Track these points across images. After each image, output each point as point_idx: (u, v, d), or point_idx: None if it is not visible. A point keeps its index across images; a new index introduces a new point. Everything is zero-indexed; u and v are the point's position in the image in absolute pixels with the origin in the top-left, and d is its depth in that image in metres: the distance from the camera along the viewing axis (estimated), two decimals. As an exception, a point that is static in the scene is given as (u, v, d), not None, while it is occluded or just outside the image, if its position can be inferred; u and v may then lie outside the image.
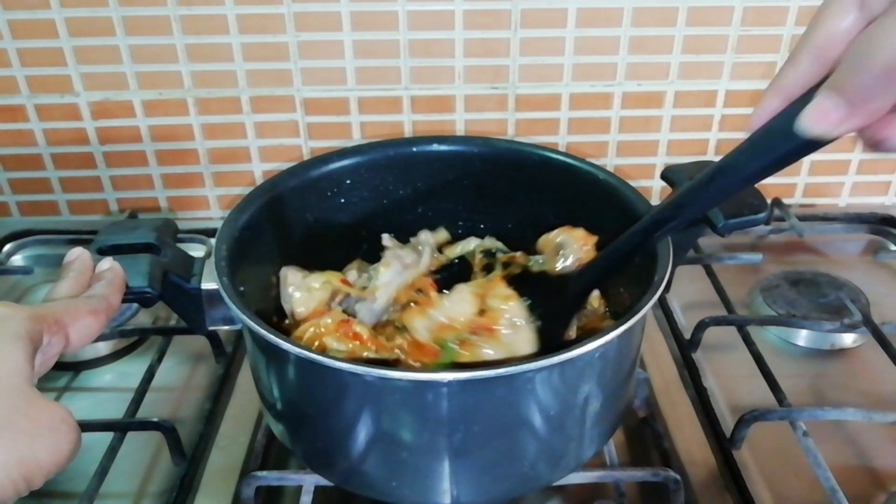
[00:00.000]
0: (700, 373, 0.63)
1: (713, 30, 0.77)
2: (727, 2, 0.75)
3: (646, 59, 0.78)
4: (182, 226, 0.82)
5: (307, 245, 0.58)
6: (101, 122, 0.80)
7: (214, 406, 0.60)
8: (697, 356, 0.65)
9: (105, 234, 0.47)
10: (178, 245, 0.49)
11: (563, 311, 0.52)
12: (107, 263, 0.43)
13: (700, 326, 0.65)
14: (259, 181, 0.84)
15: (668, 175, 0.53)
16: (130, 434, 0.55)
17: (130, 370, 0.65)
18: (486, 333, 0.48)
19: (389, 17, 0.75)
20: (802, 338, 0.67)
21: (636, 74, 0.79)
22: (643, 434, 0.58)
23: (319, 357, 0.40)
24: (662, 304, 0.71)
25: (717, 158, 0.38)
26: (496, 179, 0.60)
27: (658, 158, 0.84)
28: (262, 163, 0.83)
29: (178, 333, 0.66)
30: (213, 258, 0.47)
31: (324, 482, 0.51)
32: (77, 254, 0.43)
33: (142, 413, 0.58)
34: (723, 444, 0.56)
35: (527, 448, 0.44)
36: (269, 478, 0.51)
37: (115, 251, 0.45)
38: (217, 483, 0.53)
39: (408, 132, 0.81)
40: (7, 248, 0.79)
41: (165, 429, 0.55)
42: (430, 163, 0.60)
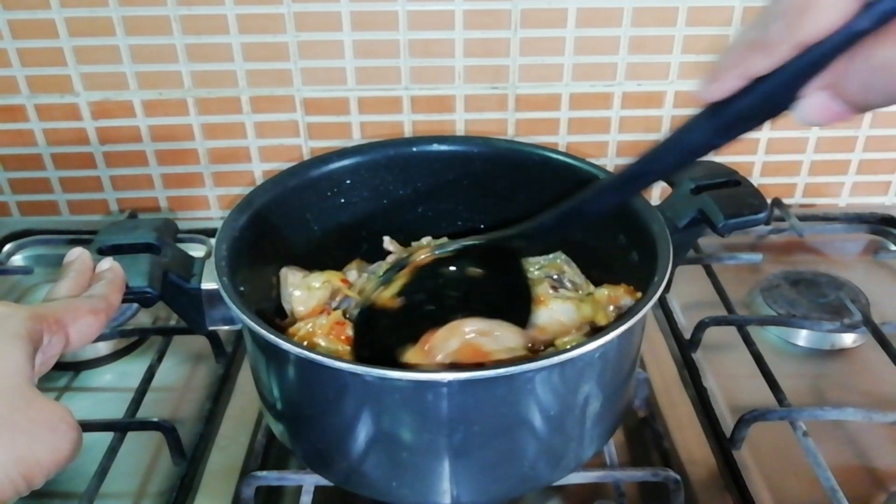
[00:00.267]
0: (700, 373, 0.63)
1: (713, 30, 0.77)
2: (727, 2, 0.75)
3: (646, 59, 0.78)
4: (182, 226, 0.82)
5: (307, 245, 0.58)
6: (101, 122, 0.80)
7: (214, 406, 0.60)
8: (697, 356, 0.65)
9: (105, 235, 0.47)
10: (178, 245, 0.49)
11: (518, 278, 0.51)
12: (107, 263, 0.43)
13: (700, 326, 0.65)
14: (259, 181, 0.84)
15: None
16: (130, 434, 0.55)
17: (130, 370, 0.65)
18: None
19: (389, 17, 0.75)
20: (802, 338, 0.67)
21: (636, 74, 0.79)
22: (643, 434, 0.58)
23: (319, 357, 0.40)
24: (662, 304, 0.71)
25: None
26: (496, 179, 0.60)
27: (658, 158, 0.84)
28: (262, 163, 0.83)
29: (178, 333, 0.66)
30: (213, 258, 0.47)
31: (324, 482, 0.51)
32: (77, 254, 0.43)
33: (142, 413, 0.58)
34: (723, 444, 0.56)
35: (527, 448, 0.44)
36: (269, 478, 0.51)
37: (116, 251, 0.45)
38: (217, 483, 0.53)
39: (408, 132, 0.81)
40: (7, 248, 0.78)
41: (165, 429, 0.55)
42: (431, 163, 0.60)
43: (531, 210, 0.59)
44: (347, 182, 0.59)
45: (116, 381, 0.65)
